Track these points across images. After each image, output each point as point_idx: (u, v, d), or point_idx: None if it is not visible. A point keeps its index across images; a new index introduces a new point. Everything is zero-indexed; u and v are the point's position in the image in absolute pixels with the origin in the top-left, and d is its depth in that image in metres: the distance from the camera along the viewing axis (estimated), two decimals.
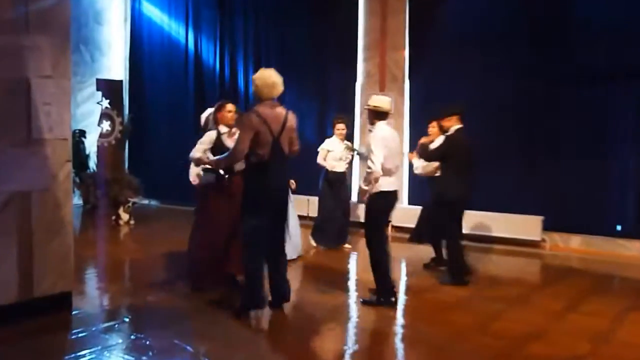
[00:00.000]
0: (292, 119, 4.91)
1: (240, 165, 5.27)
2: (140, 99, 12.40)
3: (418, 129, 9.13)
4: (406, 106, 9.49)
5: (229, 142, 5.47)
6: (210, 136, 5.60)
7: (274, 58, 10.75)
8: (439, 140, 6.52)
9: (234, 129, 5.54)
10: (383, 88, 9.65)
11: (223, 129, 5.68)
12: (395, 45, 9.56)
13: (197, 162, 5.63)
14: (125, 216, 9.69)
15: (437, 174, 6.46)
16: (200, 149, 5.52)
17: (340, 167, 7.94)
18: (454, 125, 6.01)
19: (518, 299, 5.74)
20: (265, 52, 10.94)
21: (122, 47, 12.62)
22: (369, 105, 5.36)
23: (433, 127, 6.92)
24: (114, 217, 9.70)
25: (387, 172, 5.22)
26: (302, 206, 9.52)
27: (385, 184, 5.23)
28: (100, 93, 10.33)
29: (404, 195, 9.47)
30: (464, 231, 6.71)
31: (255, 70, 11.55)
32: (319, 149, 7.94)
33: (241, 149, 4.68)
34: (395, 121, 9.44)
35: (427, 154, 6.33)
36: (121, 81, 11.04)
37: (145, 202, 11.66)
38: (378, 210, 5.27)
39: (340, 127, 7.93)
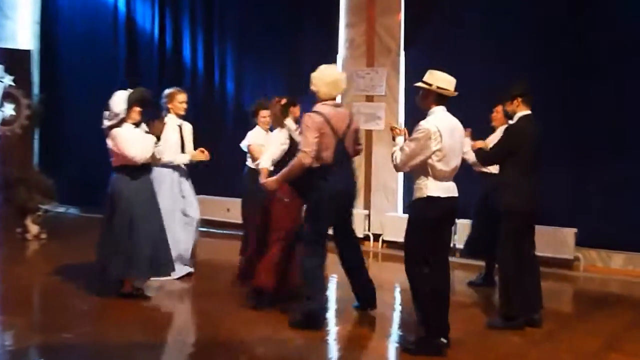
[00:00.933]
0: (356, 120, 5.89)
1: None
2: (55, 74, 12.29)
3: (416, 115, 9.14)
4: (401, 85, 9.52)
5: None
6: (284, 135, 6.39)
7: (230, 24, 10.77)
8: (498, 133, 6.50)
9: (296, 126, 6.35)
10: (371, 62, 9.67)
11: (292, 124, 6.48)
12: (388, 8, 9.59)
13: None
14: (34, 228, 9.58)
15: (492, 170, 6.46)
16: (274, 154, 6.34)
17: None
18: (519, 110, 5.92)
19: (544, 335, 5.75)
20: (219, 17, 10.97)
21: (30, 7, 12.50)
22: (429, 85, 5.20)
23: (498, 113, 6.97)
24: (19, 230, 9.59)
25: (441, 175, 5.13)
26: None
27: (435, 188, 5.11)
28: (0, 67, 10.20)
29: (398, 202, 9.55)
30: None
31: (205, 40, 11.59)
32: (246, 145, 7.82)
33: (310, 152, 5.50)
34: (388, 104, 9.52)
35: (484, 155, 6.20)
36: (29, 51, 10.94)
37: (61, 209, 11.55)
38: (423, 221, 5.14)
39: (266, 115, 7.90)
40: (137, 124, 6.39)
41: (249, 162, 7.90)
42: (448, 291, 5.33)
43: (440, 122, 5.11)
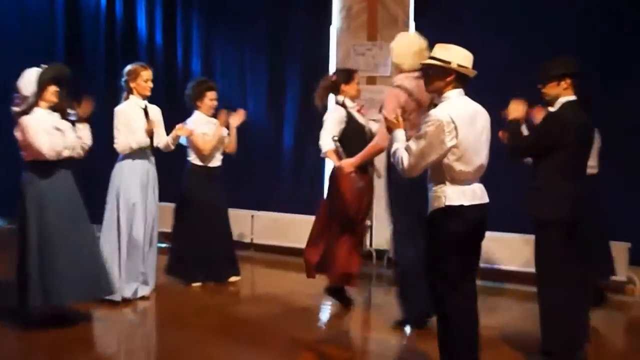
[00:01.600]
0: None
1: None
2: None
3: None
4: None
5: (362, 120, 7.21)
6: (340, 114, 7.10)
7: None
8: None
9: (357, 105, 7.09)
10: (374, 35, 9.63)
11: (349, 102, 7.17)
12: None
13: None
14: None
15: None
16: (331, 132, 7.04)
17: (217, 161, 8.13)
18: (561, 95, 5.82)
19: None
20: None
21: None
22: (446, 62, 4.99)
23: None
24: None
25: (462, 178, 5.00)
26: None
27: (455, 195, 4.99)
28: None
29: None
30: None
31: (165, 7, 11.54)
32: (184, 133, 7.74)
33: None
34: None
35: (515, 144, 5.98)
36: None
37: None
38: (444, 237, 5.02)
39: (212, 97, 8.10)
40: (56, 109, 6.39)
41: (191, 157, 7.92)
42: (477, 329, 5.19)
43: (455, 110, 4.91)
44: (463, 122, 4.90)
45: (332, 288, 7.45)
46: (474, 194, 5.02)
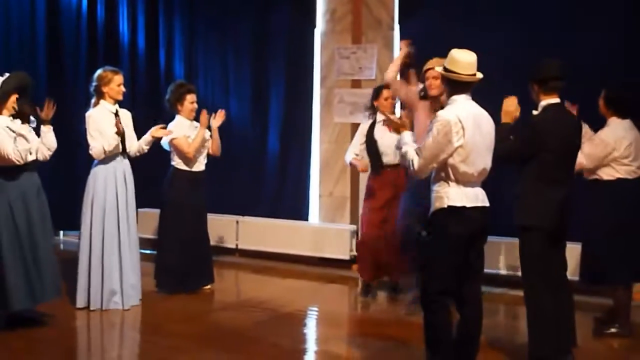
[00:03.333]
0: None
1: None
2: None
3: None
4: None
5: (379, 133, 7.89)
6: (362, 127, 8.04)
7: None
8: (613, 125, 6.46)
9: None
10: (358, 38, 9.59)
11: (379, 116, 7.91)
12: None
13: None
14: None
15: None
16: (355, 146, 8.14)
17: (201, 165, 8.10)
18: (543, 98, 5.83)
19: None
20: None
21: None
22: (457, 73, 5.10)
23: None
24: None
25: (465, 179, 5.08)
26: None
27: (457, 196, 5.07)
28: None
29: None
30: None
31: (148, 11, 11.45)
32: (166, 140, 7.86)
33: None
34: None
35: (500, 149, 5.97)
36: None
37: None
38: (445, 238, 5.10)
39: (192, 100, 8.09)
40: (18, 115, 6.51)
41: (175, 162, 7.90)
42: (477, 336, 5.26)
43: (462, 111, 5.08)
44: (469, 124, 5.05)
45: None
46: (476, 197, 5.14)
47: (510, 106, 5.86)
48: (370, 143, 7.89)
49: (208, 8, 10.50)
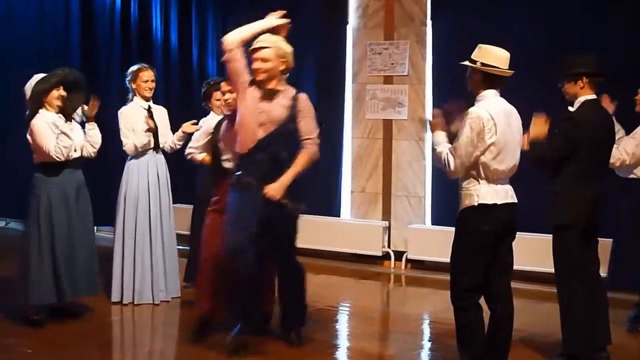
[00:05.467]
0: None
1: None
2: None
3: (446, 99, 9.00)
4: (428, 62, 9.47)
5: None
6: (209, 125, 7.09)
7: None
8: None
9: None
10: (390, 34, 9.57)
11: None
12: None
13: None
14: None
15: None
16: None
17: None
18: (579, 94, 5.77)
19: None
20: None
21: None
22: (473, 62, 5.15)
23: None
24: None
25: (495, 176, 5.08)
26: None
27: (488, 193, 5.07)
28: None
29: (425, 211, 9.45)
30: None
31: (180, 8, 11.54)
32: (190, 130, 7.80)
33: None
34: (411, 87, 9.41)
35: (541, 155, 5.86)
36: None
37: (0, 223, 11.63)
38: (475, 236, 5.10)
39: (219, 97, 7.92)
40: (62, 111, 6.56)
41: None
42: (508, 332, 5.25)
43: (493, 108, 5.06)
44: (501, 120, 5.04)
45: None
46: (505, 194, 5.14)
47: (541, 124, 5.75)
48: (217, 142, 6.70)
49: (240, 5, 10.49)
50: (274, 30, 6.29)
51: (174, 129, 7.56)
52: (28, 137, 6.53)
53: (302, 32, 10.05)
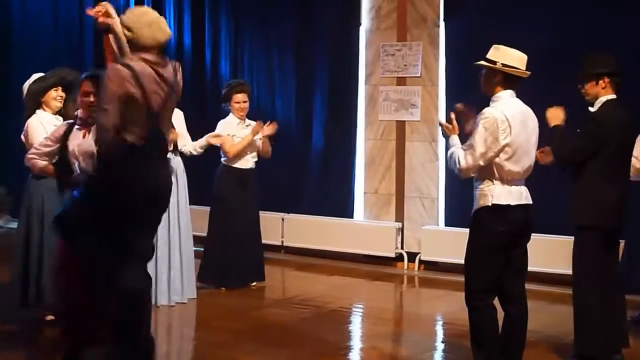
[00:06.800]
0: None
1: None
2: (6, 56, 12.27)
3: (459, 100, 8.92)
4: (441, 63, 9.46)
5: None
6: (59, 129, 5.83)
7: None
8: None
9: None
10: (403, 35, 9.58)
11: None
12: None
13: None
14: None
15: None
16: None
17: (248, 162, 8.13)
18: (600, 94, 5.74)
19: None
20: None
21: None
22: (492, 63, 5.13)
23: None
24: None
25: (510, 177, 5.07)
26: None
27: (503, 194, 5.06)
28: None
29: (439, 212, 9.45)
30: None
31: (194, 10, 11.48)
32: (216, 142, 7.96)
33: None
34: (424, 88, 9.41)
35: (561, 150, 5.85)
36: None
37: (15, 224, 11.48)
38: (489, 236, 5.10)
39: (240, 99, 8.08)
40: (61, 113, 6.52)
41: (224, 158, 7.99)
42: (522, 333, 5.24)
43: (509, 109, 5.04)
44: (516, 121, 5.02)
45: None
46: (520, 195, 5.11)
47: (557, 111, 5.81)
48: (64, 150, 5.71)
49: (253, 7, 10.54)
50: None
51: (189, 132, 7.61)
52: (22, 137, 6.46)
53: (315, 34, 10.13)
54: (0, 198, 9.90)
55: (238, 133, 7.97)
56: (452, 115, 5.41)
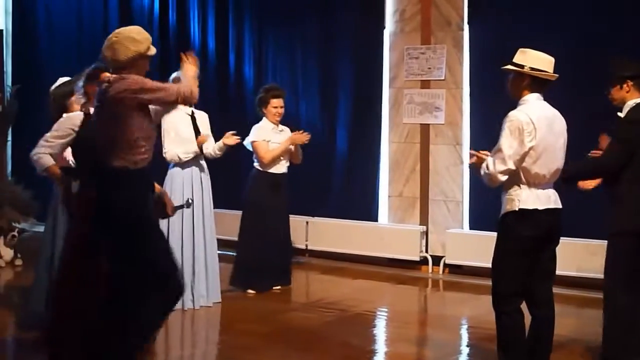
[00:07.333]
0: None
1: None
2: (32, 61, 12.31)
3: (483, 103, 9.16)
4: (465, 67, 9.45)
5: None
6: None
7: None
8: None
9: None
10: (427, 38, 9.58)
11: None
12: None
13: None
14: (7, 252, 9.56)
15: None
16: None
17: (282, 167, 8.17)
18: (627, 98, 5.69)
19: None
20: None
21: None
22: (520, 67, 5.12)
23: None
24: None
25: (537, 181, 5.04)
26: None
27: (530, 198, 5.04)
28: None
29: (463, 216, 9.44)
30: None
31: (217, 14, 11.51)
32: (249, 141, 8.07)
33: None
34: (448, 91, 9.39)
35: (601, 167, 5.79)
36: (0, 32, 10.85)
37: (41, 228, 11.48)
38: (515, 241, 5.07)
39: (277, 104, 8.10)
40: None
41: (256, 163, 7.99)
42: (549, 337, 5.22)
43: (534, 112, 5.01)
44: (542, 124, 4.99)
45: None
46: (548, 199, 5.08)
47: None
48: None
49: (277, 10, 10.57)
50: None
51: (212, 134, 7.62)
52: None
53: (339, 37, 10.14)
54: (26, 202, 9.91)
55: (272, 138, 8.01)
56: (481, 154, 5.29)
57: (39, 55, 12.34)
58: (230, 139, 7.44)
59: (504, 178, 5.02)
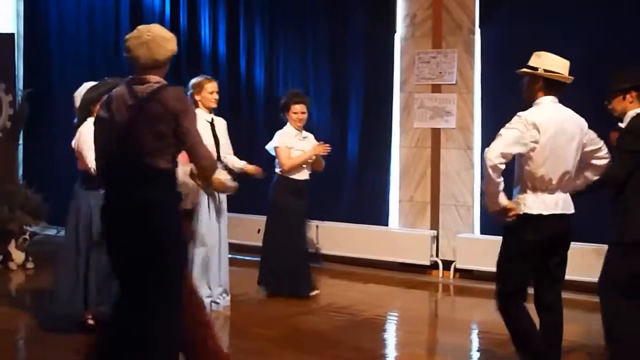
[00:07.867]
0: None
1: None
2: (44, 64, 12.33)
3: (494, 108, 9.13)
4: (477, 71, 9.45)
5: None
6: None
7: None
8: None
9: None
10: (438, 42, 9.59)
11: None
12: None
13: None
14: (19, 255, 9.59)
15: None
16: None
17: (304, 174, 8.19)
18: (629, 109, 5.62)
19: None
20: None
21: None
22: (534, 69, 5.16)
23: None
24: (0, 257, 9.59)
25: (543, 186, 5.05)
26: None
27: (534, 204, 5.06)
28: None
29: (474, 220, 9.43)
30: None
31: (228, 18, 11.53)
32: (272, 146, 8.12)
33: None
34: (460, 96, 9.40)
35: (610, 177, 5.65)
36: (12, 35, 10.89)
37: (52, 231, 11.37)
38: (519, 245, 5.11)
39: (299, 110, 8.10)
40: None
41: (278, 169, 8.00)
42: (558, 342, 5.25)
43: (544, 114, 5.04)
44: (550, 126, 5.01)
45: None
46: (555, 204, 5.09)
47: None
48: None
49: (287, 14, 10.58)
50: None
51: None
52: (73, 143, 6.63)
53: (350, 41, 10.15)
54: (37, 205, 9.95)
55: (296, 145, 8.04)
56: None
57: (51, 59, 12.37)
58: (253, 169, 7.59)
59: (493, 158, 4.90)
